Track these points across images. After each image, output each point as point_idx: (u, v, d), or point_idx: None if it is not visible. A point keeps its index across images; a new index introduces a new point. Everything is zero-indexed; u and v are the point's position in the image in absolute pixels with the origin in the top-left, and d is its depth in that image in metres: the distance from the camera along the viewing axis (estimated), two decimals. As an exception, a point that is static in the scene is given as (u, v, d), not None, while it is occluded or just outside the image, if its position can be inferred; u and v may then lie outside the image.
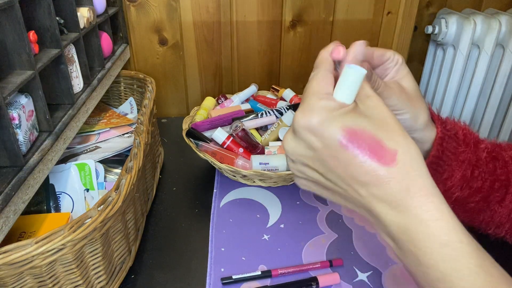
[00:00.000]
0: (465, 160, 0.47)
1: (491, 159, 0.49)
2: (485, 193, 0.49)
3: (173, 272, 0.59)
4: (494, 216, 0.52)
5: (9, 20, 0.45)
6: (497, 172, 0.49)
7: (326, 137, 0.32)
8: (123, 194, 0.49)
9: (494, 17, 1.07)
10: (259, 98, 0.97)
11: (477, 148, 0.48)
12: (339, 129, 0.32)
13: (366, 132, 0.32)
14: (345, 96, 0.34)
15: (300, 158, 0.35)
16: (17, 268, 0.41)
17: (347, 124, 0.32)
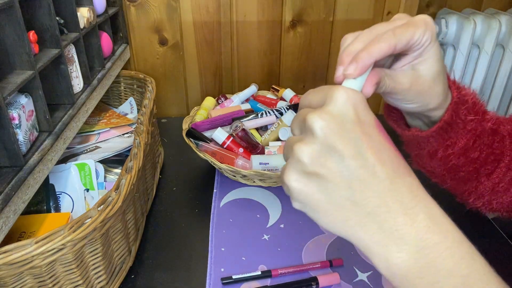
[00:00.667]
0: (471, 129, 0.46)
1: (491, 131, 0.49)
2: (479, 164, 0.50)
3: (173, 272, 0.59)
4: (478, 187, 0.52)
5: (9, 20, 0.45)
6: (494, 146, 0.49)
7: (366, 115, 0.31)
8: (123, 194, 0.49)
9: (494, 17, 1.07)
10: (259, 98, 0.97)
11: (483, 118, 0.47)
12: (373, 116, 0.32)
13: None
14: None
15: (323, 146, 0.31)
16: (17, 268, 0.41)
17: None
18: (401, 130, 0.49)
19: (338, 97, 0.31)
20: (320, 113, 0.30)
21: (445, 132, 0.46)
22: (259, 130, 0.86)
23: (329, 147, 0.30)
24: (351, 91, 0.31)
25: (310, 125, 0.30)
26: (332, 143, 0.29)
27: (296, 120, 0.33)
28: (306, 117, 0.31)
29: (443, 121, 0.44)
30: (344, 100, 0.31)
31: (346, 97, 0.31)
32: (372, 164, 0.29)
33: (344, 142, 0.29)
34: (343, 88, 0.31)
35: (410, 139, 0.50)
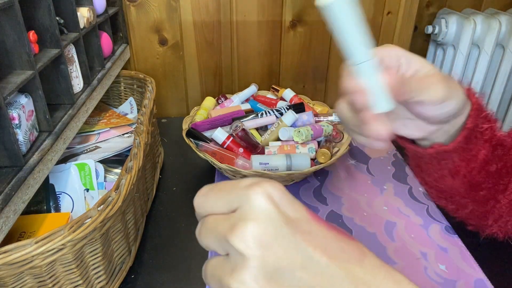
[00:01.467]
0: (488, 139, 0.45)
1: (500, 142, 0.47)
2: (495, 179, 0.48)
3: (173, 272, 0.59)
4: (496, 206, 0.51)
5: (9, 20, 0.45)
6: (504, 158, 0.48)
7: (297, 209, 0.27)
8: (123, 194, 0.49)
9: (494, 17, 1.07)
10: (259, 98, 0.97)
11: (495, 126, 0.46)
12: (304, 207, 0.28)
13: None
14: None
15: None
16: (17, 268, 0.41)
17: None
18: (423, 149, 0.47)
19: (256, 199, 0.25)
20: (243, 228, 0.24)
21: (467, 144, 0.44)
22: (259, 130, 0.86)
23: (272, 265, 0.24)
24: (269, 186, 0.26)
25: (238, 247, 0.24)
26: (273, 260, 0.24)
27: (209, 237, 0.27)
28: (227, 237, 0.25)
29: (467, 129, 0.43)
30: (265, 200, 0.25)
31: (266, 196, 0.25)
32: (325, 265, 0.25)
33: (286, 253, 0.25)
34: (258, 185, 0.26)
35: (432, 158, 0.47)
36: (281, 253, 0.25)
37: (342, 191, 0.76)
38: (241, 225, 0.25)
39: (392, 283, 0.26)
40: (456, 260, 0.60)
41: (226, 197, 0.27)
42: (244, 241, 0.24)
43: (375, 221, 0.68)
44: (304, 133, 0.76)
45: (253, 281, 0.24)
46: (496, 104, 1.16)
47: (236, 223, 0.25)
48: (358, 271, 0.26)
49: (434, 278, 0.57)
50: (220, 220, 0.26)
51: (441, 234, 0.65)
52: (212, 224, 0.27)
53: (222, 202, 0.27)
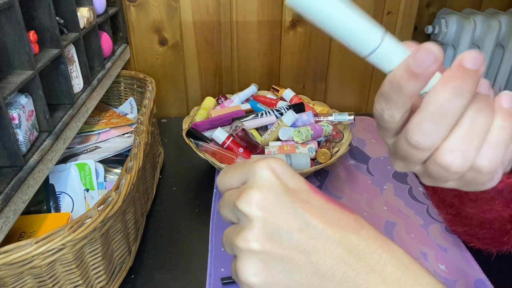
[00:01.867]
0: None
1: None
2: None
3: (173, 272, 0.59)
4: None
5: (9, 20, 0.45)
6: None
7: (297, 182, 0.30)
8: (123, 194, 0.49)
9: (494, 17, 1.07)
10: (259, 98, 0.97)
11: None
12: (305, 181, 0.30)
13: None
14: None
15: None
16: (17, 268, 0.41)
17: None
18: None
19: (260, 171, 0.29)
20: (248, 194, 0.28)
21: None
22: (259, 130, 0.86)
23: (272, 226, 0.27)
24: (272, 161, 0.29)
25: (243, 210, 0.28)
26: (273, 222, 0.27)
27: (225, 208, 0.31)
28: (235, 203, 0.28)
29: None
30: (268, 172, 0.29)
31: (269, 169, 0.29)
32: (321, 230, 0.27)
33: (285, 217, 0.28)
34: (263, 160, 0.29)
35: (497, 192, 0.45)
36: (281, 217, 0.28)
37: (342, 191, 0.76)
38: (247, 192, 0.28)
39: (387, 253, 0.28)
40: (456, 260, 0.60)
41: (239, 172, 0.31)
42: (248, 204, 0.28)
43: (375, 221, 0.68)
44: (304, 133, 0.76)
45: (255, 239, 0.27)
46: (496, 104, 1.16)
47: (242, 191, 0.29)
48: (353, 238, 0.28)
49: (434, 278, 0.57)
50: (233, 192, 0.30)
51: (441, 234, 0.65)
52: (227, 197, 0.30)
53: (236, 178, 0.31)
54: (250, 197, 0.28)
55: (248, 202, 0.28)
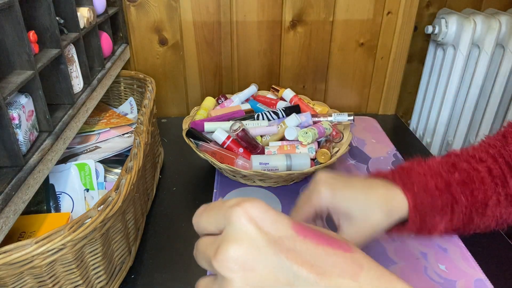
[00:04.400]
0: (444, 214, 0.46)
1: (463, 184, 0.47)
2: (468, 218, 0.48)
3: (173, 272, 0.59)
4: (482, 222, 0.50)
5: (9, 20, 0.45)
6: (474, 194, 0.47)
7: (281, 224, 0.26)
8: (123, 194, 0.49)
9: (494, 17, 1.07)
10: (259, 98, 0.97)
11: (449, 185, 0.46)
12: (289, 221, 0.27)
13: (314, 228, 0.27)
14: None
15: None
16: (17, 268, 0.41)
17: (292, 220, 0.27)
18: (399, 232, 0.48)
19: (238, 222, 0.25)
20: (225, 251, 0.25)
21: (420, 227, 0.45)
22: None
23: (256, 285, 0.24)
24: (249, 206, 0.26)
25: (221, 271, 0.25)
26: (257, 280, 0.24)
27: (202, 260, 0.27)
28: (211, 261, 0.25)
29: (409, 228, 0.45)
30: (246, 222, 0.25)
31: (247, 217, 0.25)
32: (314, 281, 0.24)
33: (270, 272, 0.24)
34: (240, 206, 0.26)
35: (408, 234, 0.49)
36: (265, 273, 0.24)
37: (342, 191, 0.76)
38: (223, 248, 0.25)
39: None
40: (456, 260, 0.60)
41: (214, 217, 0.27)
42: (226, 265, 0.24)
43: (375, 221, 0.68)
44: (311, 135, 0.76)
45: None
46: (496, 104, 1.16)
47: (219, 246, 0.25)
48: (352, 286, 0.25)
49: (434, 278, 0.57)
50: (209, 243, 0.27)
51: (441, 234, 0.65)
52: (202, 247, 0.27)
53: (212, 223, 0.28)
54: (227, 255, 0.25)
55: (225, 262, 0.25)
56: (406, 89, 1.31)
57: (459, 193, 0.47)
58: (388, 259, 0.61)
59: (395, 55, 1.06)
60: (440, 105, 1.19)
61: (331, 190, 0.44)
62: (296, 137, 0.78)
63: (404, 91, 1.31)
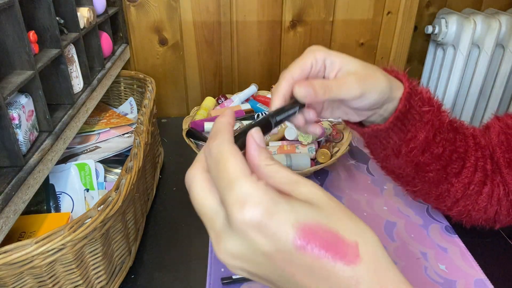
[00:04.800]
0: (428, 121, 0.48)
1: (452, 129, 0.51)
2: (444, 162, 0.52)
3: (173, 272, 0.59)
4: (450, 190, 0.54)
5: (9, 20, 0.45)
6: (456, 143, 0.52)
7: (278, 237, 0.25)
8: (123, 194, 0.49)
9: (494, 17, 1.07)
10: (259, 98, 0.97)
11: (440, 112, 0.50)
12: (291, 226, 0.25)
13: (322, 226, 0.26)
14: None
15: (244, 265, 0.27)
16: (17, 268, 0.41)
17: (300, 219, 0.25)
18: (361, 129, 0.50)
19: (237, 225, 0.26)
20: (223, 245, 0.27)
21: (403, 125, 0.48)
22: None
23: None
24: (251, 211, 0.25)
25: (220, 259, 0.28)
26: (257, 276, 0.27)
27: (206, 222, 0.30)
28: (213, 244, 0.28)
29: (398, 110, 0.46)
30: (246, 227, 0.25)
31: (248, 224, 0.25)
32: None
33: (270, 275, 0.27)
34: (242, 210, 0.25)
35: (372, 138, 0.51)
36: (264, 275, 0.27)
37: (342, 191, 0.76)
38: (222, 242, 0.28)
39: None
40: (456, 260, 0.60)
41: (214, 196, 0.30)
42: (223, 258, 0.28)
43: (375, 221, 0.68)
44: (311, 135, 0.76)
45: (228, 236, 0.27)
46: (496, 104, 1.16)
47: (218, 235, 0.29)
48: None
49: (434, 278, 0.57)
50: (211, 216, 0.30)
51: (441, 234, 0.65)
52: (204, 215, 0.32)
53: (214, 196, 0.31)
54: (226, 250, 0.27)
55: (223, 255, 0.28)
56: (406, 89, 1.31)
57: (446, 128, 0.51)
58: (388, 259, 0.61)
59: (395, 55, 1.06)
60: (440, 105, 1.19)
61: (327, 51, 0.43)
62: (296, 137, 0.78)
63: (404, 91, 1.30)
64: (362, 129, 0.50)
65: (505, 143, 0.54)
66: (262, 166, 0.29)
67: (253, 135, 0.30)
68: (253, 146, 0.30)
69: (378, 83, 0.43)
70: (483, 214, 0.56)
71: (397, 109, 0.46)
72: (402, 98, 0.46)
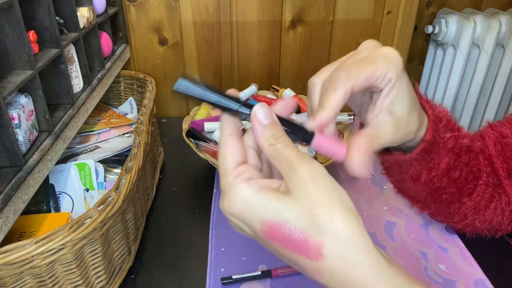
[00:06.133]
0: (451, 148, 0.46)
1: (467, 149, 0.49)
2: (460, 184, 0.49)
3: (173, 272, 0.59)
4: (461, 208, 0.53)
5: (9, 20, 0.45)
6: (471, 163, 0.50)
7: (252, 227, 0.30)
8: (123, 194, 0.49)
9: (494, 17, 1.07)
10: (259, 98, 0.97)
11: (459, 135, 0.47)
12: (259, 222, 0.29)
13: (287, 226, 0.28)
14: None
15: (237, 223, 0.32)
16: (17, 268, 0.41)
17: (266, 217, 0.29)
18: (382, 155, 0.47)
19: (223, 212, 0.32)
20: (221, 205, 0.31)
21: (427, 154, 0.44)
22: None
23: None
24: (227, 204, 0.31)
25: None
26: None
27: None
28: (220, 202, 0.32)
29: (426, 141, 0.42)
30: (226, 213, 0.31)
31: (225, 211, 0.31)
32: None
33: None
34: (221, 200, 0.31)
35: (392, 164, 0.47)
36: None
37: (342, 191, 0.76)
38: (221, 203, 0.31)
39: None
40: (456, 260, 0.60)
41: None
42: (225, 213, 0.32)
43: (375, 221, 0.68)
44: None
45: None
46: (496, 104, 1.16)
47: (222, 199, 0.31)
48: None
49: (434, 278, 0.57)
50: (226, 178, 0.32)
51: (441, 234, 0.65)
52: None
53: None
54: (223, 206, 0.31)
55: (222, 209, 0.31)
56: (406, 89, 1.31)
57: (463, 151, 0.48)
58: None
59: (395, 55, 1.06)
60: (440, 105, 1.19)
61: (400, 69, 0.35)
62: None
63: (404, 91, 1.30)
64: (384, 155, 0.46)
65: (502, 153, 0.53)
66: (266, 147, 0.30)
67: (256, 113, 0.31)
68: (256, 125, 0.31)
69: (411, 128, 0.39)
70: (488, 225, 0.55)
71: (425, 139, 0.42)
72: (430, 128, 0.42)
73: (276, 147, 0.30)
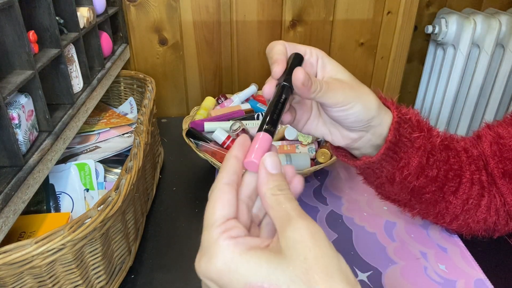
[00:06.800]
0: (420, 146, 0.47)
1: (443, 147, 0.50)
2: (440, 182, 0.50)
3: (173, 272, 0.59)
4: (449, 207, 0.53)
5: (9, 20, 0.45)
6: (450, 161, 0.51)
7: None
8: (123, 194, 0.49)
9: (494, 17, 1.07)
10: (259, 98, 0.97)
11: (430, 134, 0.49)
12: (244, 287, 0.25)
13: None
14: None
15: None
16: (17, 268, 0.41)
17: (253, 281, 0.25)
18: (353, 162, 0.49)
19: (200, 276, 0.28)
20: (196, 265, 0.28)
21: (394, 153, 0.46)
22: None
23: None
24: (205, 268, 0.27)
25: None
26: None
27: None
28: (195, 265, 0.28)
29: (388, 141, 0.45)
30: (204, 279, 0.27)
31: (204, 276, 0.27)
32: None
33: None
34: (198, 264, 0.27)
35: (364, 169, 0.50)
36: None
37: (342, 191, 0.76)
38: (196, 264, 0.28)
39: None
40: (456, 260, 0.60)
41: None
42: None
43: (375, 221, 0.68)
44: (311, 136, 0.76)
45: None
46: (496, 104, 1.16)
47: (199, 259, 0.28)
48: None
49: (434, 278, 0.57)
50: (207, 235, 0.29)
51: (441, 234, 0.65)
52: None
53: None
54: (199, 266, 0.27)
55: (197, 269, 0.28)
56: (406, 89, 1.31)
57: (438, 148, 0.49)
58: (388, 259, 0.61)
59: (395, 55, 1.06)
60: (440, 105, 1.19)
61: (324, 53, 0.44)
62: (296, 137, 0.78)
63: (404, 91, 1.31)
64: (354, 161, 0.49)
65: (497, 154, 0.53)
66: (267, 196, 0.29)
67: (265, 161, 0.30)
68: (262, 173, 0.30)
69: (364, 97, 0.42)
70: (482, 225, 0.55)
71: (387, 139, 0.45)
72: (392, 128, 0.44)
73: (278, 197, 0.29)
